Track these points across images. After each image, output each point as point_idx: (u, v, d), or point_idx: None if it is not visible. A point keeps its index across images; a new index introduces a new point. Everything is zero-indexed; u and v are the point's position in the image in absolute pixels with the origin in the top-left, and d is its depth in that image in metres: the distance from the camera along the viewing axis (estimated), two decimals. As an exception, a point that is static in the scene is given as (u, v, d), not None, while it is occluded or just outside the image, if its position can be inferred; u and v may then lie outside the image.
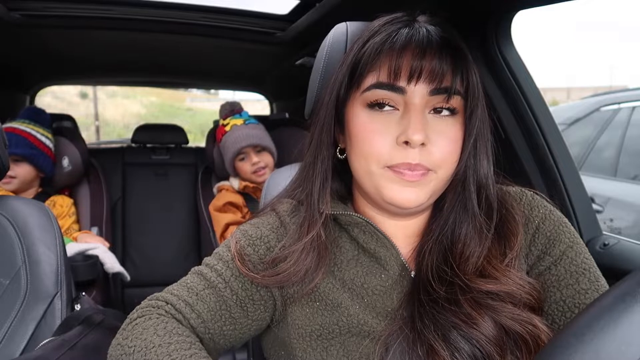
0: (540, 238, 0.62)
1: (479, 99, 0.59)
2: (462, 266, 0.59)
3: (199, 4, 1.55)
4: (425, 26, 0.59)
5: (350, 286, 0.62)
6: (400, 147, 0.57)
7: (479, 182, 0.61)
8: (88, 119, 14.32)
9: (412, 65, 0.56)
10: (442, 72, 0.56)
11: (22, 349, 0.81)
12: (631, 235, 2.17)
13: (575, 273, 0.59)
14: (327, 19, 1.34)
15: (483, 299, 0.56)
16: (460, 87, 0.58)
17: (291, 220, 0.67)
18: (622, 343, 0.30)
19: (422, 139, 0.55)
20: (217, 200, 1.81)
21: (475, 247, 0.59)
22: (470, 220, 0.61)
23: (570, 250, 0.61)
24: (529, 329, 0.54)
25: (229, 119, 1.85)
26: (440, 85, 0.57)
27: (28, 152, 1.71)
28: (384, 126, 0.58)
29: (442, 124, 0.58)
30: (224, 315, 0.61)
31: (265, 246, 0.64)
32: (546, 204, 0.65)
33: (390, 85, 0.57)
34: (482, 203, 0.61)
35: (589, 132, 2.96)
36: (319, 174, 0.64)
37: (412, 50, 0.56)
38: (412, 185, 0.58)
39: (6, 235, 0.88)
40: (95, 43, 1.91)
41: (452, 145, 0.58)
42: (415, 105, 0.57)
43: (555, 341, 0.34)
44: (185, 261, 2.31)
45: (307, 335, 0.61)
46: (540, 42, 69.85)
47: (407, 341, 0.56)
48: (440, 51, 0.56)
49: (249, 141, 1.74)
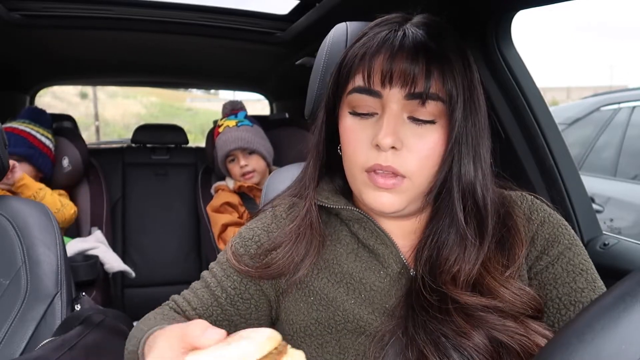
0: (539, 240, 0.62)
1: (459, 103, 0.57)
2: (448, 273, 0.58)
3: (199, 4, 1.55)
4: (408, 28, 0.59)
5: (348, 280, 0.62)
6: (374, 149, 0.58)
7: (464, 189, 0.59)
8: (88, 119, 14.32)
9: (383, 68, 0.57)
10: (414, 75, 0.56)
11: (22, 349, 0.81)
12: (631, 235, 2.17)
13: (573, 272, 0.59)
14: (327, 19, 1.34)
15: (475, 311, 0.55)
16: (438, 91, 0.57)
17: (287, 215, 0.69)
18: (623, 342, 0.30)
19: (391, 143, 0.56)
20: (215, 201, 1.82)
21: (460, 254, 0.58)
22: (454, 227, 0.59)
23: (568, 251, 0.61)
24: (522, 342, 0.53)
25: (224, 119, 1.85)
26: (414, 90, 0.56)
27: (27, 151, 1.71)
28: (362, 131, 0.60)
29: (419, 129, 0.58)
30: (216, 311, 0.65)
31: (255, 245, 0.67)
32: (546, 208, 0.65)
33: (367, 90, 0.59)
34: (468, 210, 0.60)
35: (588, 132, 2.96)
36: (315, 170, 0.68)
37: (383, 53, 0.57)
38: (386, 192, 0.59)
39: (6, 236, 0.88)
40: (95, 43, 1.91)
41: (429, 150, 0.58)
42: (391, 109, 0.57)
43: (555, 341, 0.34)
44: (185, 261, 2.31)
45: (302, 330, 0.62)
46: (540, 42, 69.91)
47: (401, 343, 0.56)
48: (412, 54, 0.56)
49: (237, 144, 1.75)
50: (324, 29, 0.80)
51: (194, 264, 2.32)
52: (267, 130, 1.89)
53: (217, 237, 1.75)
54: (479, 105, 0.60)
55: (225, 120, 1.84)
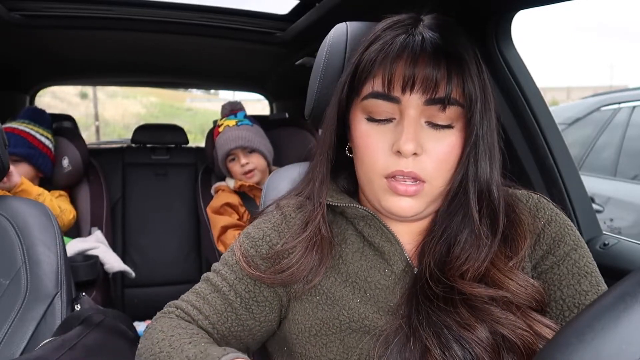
0: (545, 238, 0.62)
1: (477, 106, 0.58)
2: (458, 270, 0.58)
3: (199, 4, 1.55)
4: (424, 32, 0.58)
5: (354, 279, 0.62)
6: (395, 155, 0.57)
7: (480, 188, 0.60)
8: (88, 119, 14.31)
9: (404, 74, 0.56)
10: (436, 81, 0.55)
11: (22, 349, 0.80)
12: (631, 235, 2.17)
13: (577, 275, 0.59)
14: (327, 19, 1.34)
15: (480, 303, 0.56)
16: (457, 96, 0.57)
17: (296, 216, 0.67)
18: (623, 342, 0.30)
19: (413, 149, 0.56)
20: (215, 202, 1.82)
21: (473, 252, 0.59)
22: (469, 226, 0.60)
23: (574, 252, 0.61)
24: (524, 336, 0.53)
25: (224, 119, 1.86)
26: (435, 96, 0.56)
27: (27, 151, 1.71)
28: (380, 137, 0.59)
29: (438, 133, 0.58)
30: (230, 317, 0.63)
31: (267, 245, 0.65)
32: (552, 207, 0.65)
33: (385, 95, 0.58)
34: (483, 209, 0.60)
35: (589, 131, 2.96)
36: (323, 171, 0.66)
37: (405, 58, 0.56)
38: (406, 198, 0.58)
39: (6, 235, 0.88)
40: (95, 43, 1.91)
41: (446, 154, 0.58)
42: (410, 115, 0.57)
43: (555, 341, 0.34)
44: (185, 261, 2.31)
45: (307, 330, 0.61)
46: (540, 42, 69.88)
47: (405, 338, 0.56)
48: (434, 58, 0.56)
49: (238, 143, 1.75)
50: (324, 29, 0.80)
51: (194, 264, 2.32)
52: (267, 130, 1.89)
53: (217, 239, 1.75)
54: (491, 104, 0.61)
55: (225, 120, 1.84)
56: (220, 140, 1.79)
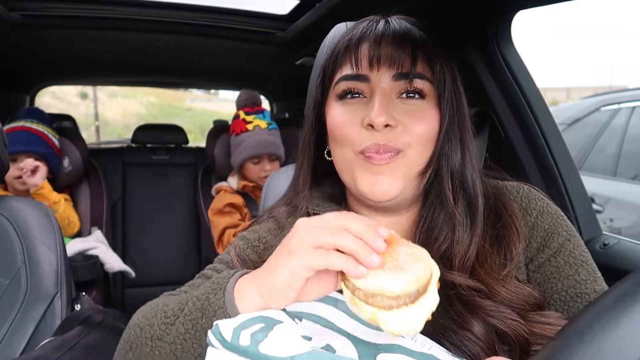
0: (538, 231, 0.63)
1: (446, 84, 0.60)
2: (437, 253, 0.59)
3: (199, 4, 1.55)
4: (390, 20, 0.62)
5: None
6: (367, 130, 0.58)
7: (452, 169, 0.61)
8: (88, 119, 14.30)
9: (370, 53, 0.59)
10: (399, 57, 0.58)
11: (22, 349, 0.81)
12: (631, 235, 2.17)
13: (574, 264, 0.60)
14: (327, 19, 1.34)
15: (469, 297, 0.56)
16: (424, 72, 0.59)
17: (289, 222, 0.68)
18: (623, 342, 0.30)
19: (384, 121, 0.57)
20: (217, 203, 1.80)
21: (450, 232, 0.59)
22: (444, 210, 0.61)
23: (568, 243, 0.62)
24: (515, 327, 0.53)
25: (252, 116, 1.80)
26: (402, 70, 0.59)
27: (45, 151, 1.71)
28: (353, 113, 0.60)
29: (411, 107, 0.60)
30: None
31: (263, 245, 0.67)
32: (543, 197, 0.66)
33: (355, 75, 0.60)
34: (456, 190, 0.61)
35: (589, 132, 2.96)
36: (305, 173, 0.68)
37: (369, 41, 0.60)
38: (382, 173, 0.58)
39: (6, 235, 0.88)
40: (95, 43, 1.91)
41: (422, 125, 0.59)
42: (380, 89, 0.59)
43: (555, 341, 0.34)
44: (185, 261, 2.32)
45: None
46: (540, 42, 69.72)
47: None
48: (397, 38, 0.59)
49: (270, 149, 1.74)
50: (324, 29, 0.80)
51: (194, 264, 2.32)
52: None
53: (217, 241, 1.74)
54: (462, 95, 0.63)
55: (255, 118, 1.80)
56: (250, 141, 1.75)
